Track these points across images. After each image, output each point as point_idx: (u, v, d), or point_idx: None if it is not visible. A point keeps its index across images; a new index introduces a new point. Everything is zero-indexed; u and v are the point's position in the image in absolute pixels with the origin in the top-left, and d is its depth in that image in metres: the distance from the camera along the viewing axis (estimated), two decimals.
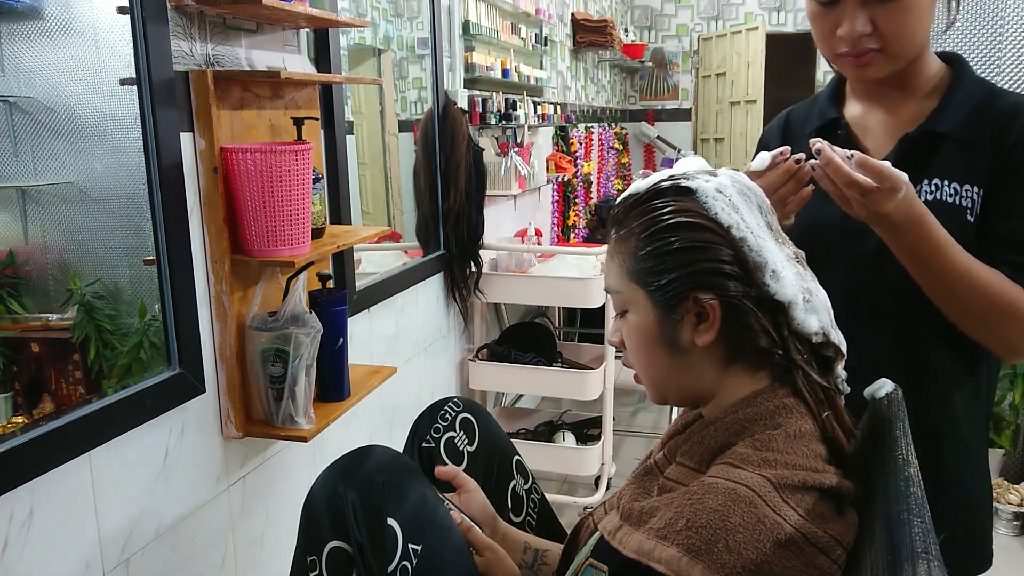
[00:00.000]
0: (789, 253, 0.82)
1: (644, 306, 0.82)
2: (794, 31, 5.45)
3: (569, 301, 2.73)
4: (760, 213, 0.82)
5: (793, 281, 0.79)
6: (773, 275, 0.78)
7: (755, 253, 0.79)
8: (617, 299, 0.86)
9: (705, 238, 0.79)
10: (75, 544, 1.12)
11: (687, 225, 0.79)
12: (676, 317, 0.80)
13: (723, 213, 0.79)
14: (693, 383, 0.84)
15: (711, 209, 0.79)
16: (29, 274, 1.21)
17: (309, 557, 0.93)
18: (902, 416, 0.86)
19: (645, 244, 0.81)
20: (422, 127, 2.39)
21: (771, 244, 0.80)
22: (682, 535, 0.70)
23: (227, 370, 1.38)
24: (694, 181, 0.81)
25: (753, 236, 0.79)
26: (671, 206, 0.80)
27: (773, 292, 0.78)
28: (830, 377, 0.82)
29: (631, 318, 0.84)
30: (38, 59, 1.16)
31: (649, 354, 0.84)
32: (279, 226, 1.30)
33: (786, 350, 0.79)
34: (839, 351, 0.82)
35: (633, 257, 0.82)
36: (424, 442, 1.16)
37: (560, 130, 3.86)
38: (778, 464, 0.74)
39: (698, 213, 0.79)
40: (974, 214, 0.98)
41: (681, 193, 0.81)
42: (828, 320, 0.81)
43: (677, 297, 0.79)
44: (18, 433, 1.03)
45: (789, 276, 0.79)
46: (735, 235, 0.79)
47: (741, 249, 0.78)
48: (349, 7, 2.01)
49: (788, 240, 0.85)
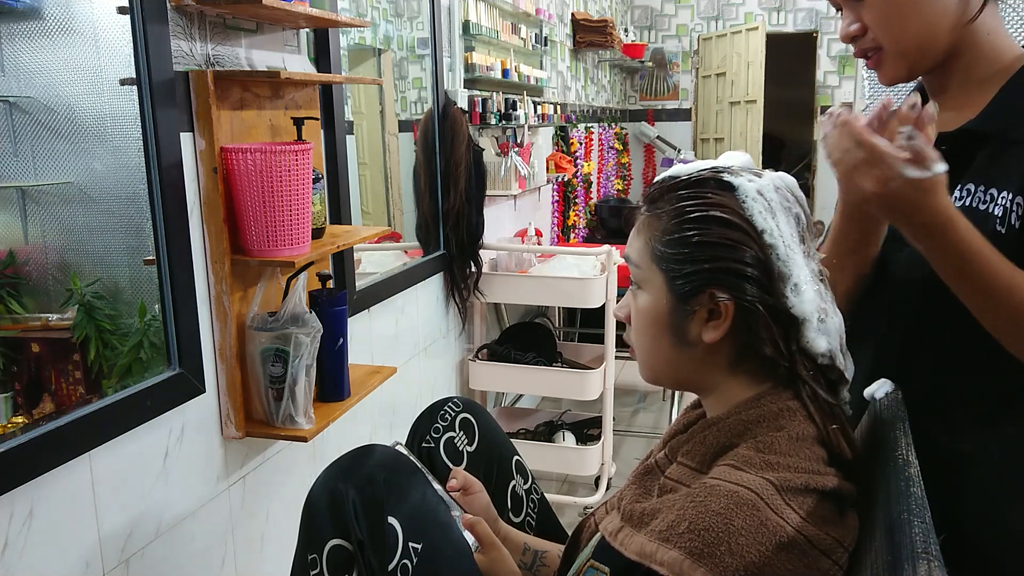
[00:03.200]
0: (815, 269, 0.81)
1: (660, 289, 0.82)
2: (794, 31, 5.44)
3: (569, 301, 2.73)
4: (796, 223, 0.81)
5: (813, 299, 0.78)
6: (795, 288, 0.78)
7: (782, 263, 0.78)
8: (635, 272, 0.85)
9: (736, 237, 0.78)
10: (75, 544, 1.12)
11: (721, 221, 0.78)
12: (689, 309, 0.80)
13: (759, 216, 0.78)
14: (690, 375, 0.84)
15: (748, 210, 0.79)
16: (29, 274, 1.21)
17: (310, 555, 0.93)
18: (902, 416, 0.86)
19: (675, 229, 0.80)
20: (422, 127, 2.39)
21: (799, 257, 0.79)
22: (684, 538, 0.70)
23: (227, 370, 1.38)
24: (737, 178, 0.80)
25: (784, 245, 0.78)
26: (709, 198, 0.80)
27: (791, 305, 0.78)
28: (836, 397, 0.82)
29: (643, 297, 0.84)
30: (38, 59, 1.16)
31: (653, 338, 0.84)
32: (279, 226, 1.30)
33: (792, 363, 0.79)
34: (843, 376, 0.82)
35: (660, 238, 0.81)
36: (424, 442, 1.16)
37: (560, 130, 3.86)
38: (780, 467, 0.74)
39: (734, 211, 0.79)
40: (1007, 224, 0.85)
41: (722, 187, 0.80)
42: (837, 345, 0.80)
43: (694, 289, 0.79)
44: (18, 433, 1.03)
45: (810, 293, 0.78)
46: (766, 240, 0.78)
47: (769, 256, 0.78)
48: (349, 7, 2.01)
49: (817, 255, 0.83)
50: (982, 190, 0.89)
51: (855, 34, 0.94)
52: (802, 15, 5.40)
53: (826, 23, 5.35)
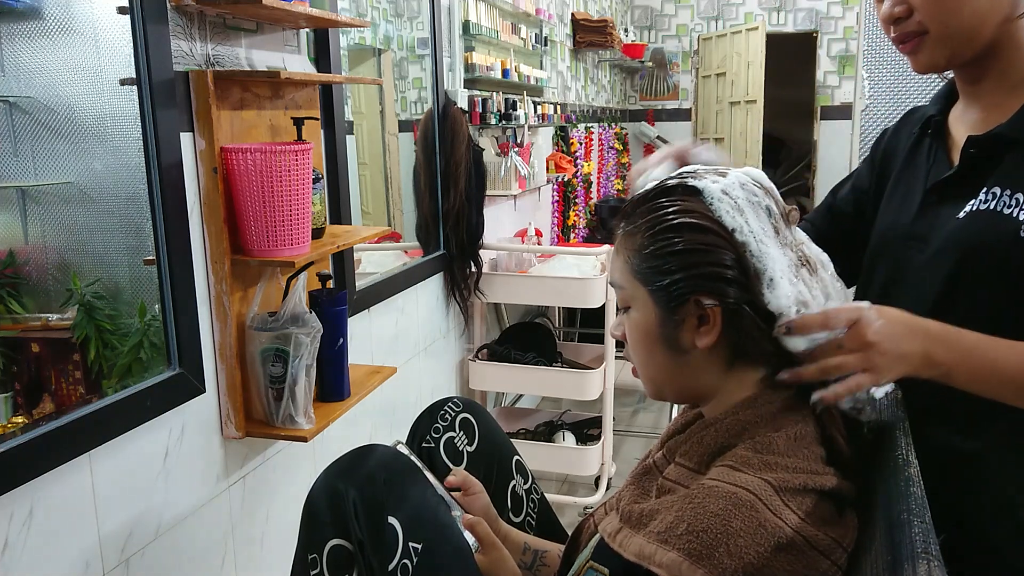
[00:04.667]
0: (792, 259, 0.81)
1: (646, 304, 0.82)
2: (794, 31, 5.44)
3: (569, 301, 2.73)
4: (768, 216, 0.81)
5: (788, 292, 0.78)
6: (770, 284, 0.78)
7: (756, 259, 0.78)
8: (621, 295, 0.85)
9: (708, 240, 0.78)
10: (75, 544, 1.12)
11: (691, 226, 0.79)
12: (677, 318, 0.80)
13: (727, 216, 0.78)
14: (692, 382, 0.84)
15: (716, 211, 0.79)
16: (29, 274, 1.21)
17: (310, 555, 0.93)
18: (902, 416, 0.86)
19: (649, 243, 0.80)
20: (422, 127, 2.39)
21: (773, 251, 0.79)
22: (683, 539, 0.70)
23: (227, 370, 1.38)
24: (701, 181, 0.81)
25: (755, 241, 0.78)
26: (676, 205, 0.80)
27: (767, 301, 0.78)
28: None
29: (633, 314, 0.84)
30: (38, 59, 1.16)
31: (649, 352, 0.84)
32: (279, 226, 1.30)
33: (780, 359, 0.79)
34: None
35: (638, 255, 0.82)
36: (424, 442, 1.16)
37: (560, 130, 3.86)
38: (779, 467, 0.74)
39: (702, 214, 0.79)
40: None
41: (688, 192, 0.81)
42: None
43: (679, 299, 0.79)
44: (18, 433, 1.03)
45: (784, 286, 0.78)
46: (738, 239, 0.78)
47: (743, 254, 0.78)
48: (349, 7, 2.01)
49: (797, 243, 0.83)
50: (1008, 194, 0.88)
51: (899, 15, 0.91)
52: (802, 15, 5.40)
53: (826, 23, 5.35)
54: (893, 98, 3.26)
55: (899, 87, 3.29)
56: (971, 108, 0.98)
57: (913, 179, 1.01)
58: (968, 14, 0.89)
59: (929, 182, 0.97)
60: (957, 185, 0.93)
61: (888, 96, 3.22)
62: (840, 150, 5.11)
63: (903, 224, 0.99)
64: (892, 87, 3.30)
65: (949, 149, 0.99)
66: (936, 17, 0.89)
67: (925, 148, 1.02)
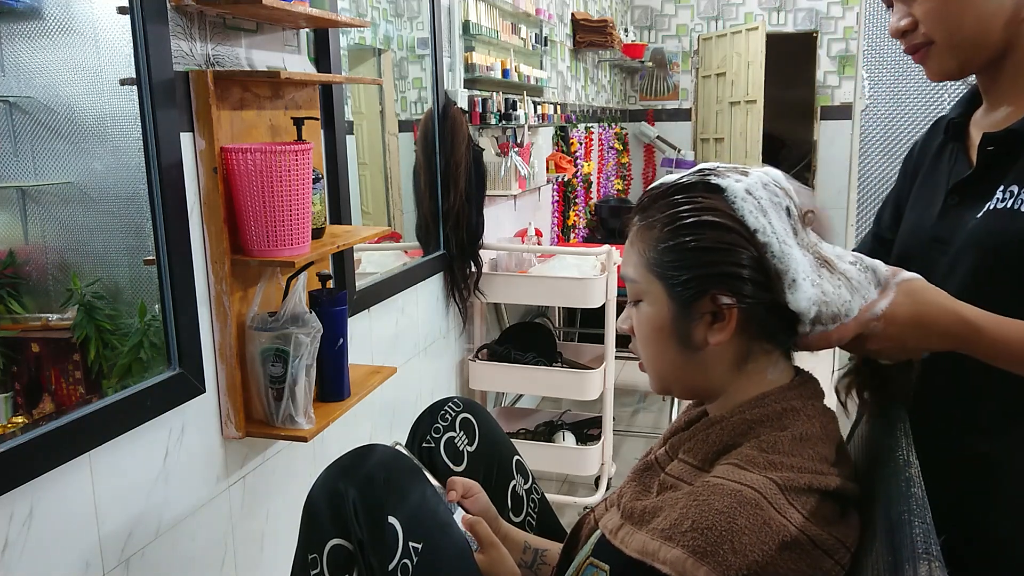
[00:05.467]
0: (812, 259, 0.80)
1: (660, 299, 0.81)
2: (794, 31, 5.44)
3: (569, 301, 2.73)
4: (788, 216, 0.80)
5: (809, 294, 0.78)
6: (792, 284, 0.77)
7: (777, 260, 0.78)
8: (633, 288, 0.85)
9: (730, 239, 0.78)
10: (75, 544, 1.12)
11: (713, 225, 0.78)
12: (692, 314, 0.79)
13: (750, 216, 0.78)
14: (700, 379, 0.83)
15: (739, 211, 0.78)
16: (29, 274, 1.21)
17: (310, 555, 0.93)
18: (903, 416, 0.86)
19: (668, 237, 0.80)
20: (422, 127, 2.39)
21: (795, 251, 0.79)
22: (687, 536, 0.70)
23: (227, 370, 1.38)
24: (724, 179, 0.80)
25: (778, 242, 0.78)
26: (698, 203, 0.79)
27: (787, 302, 0.78)
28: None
29: (645, 308, 0.84)
30: (38, 59, 1.16)
31: (659, 347, 0.84)
32: (279, 226, 1.30)
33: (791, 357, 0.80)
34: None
35: (655, 248, 0.81)
36: (424, 442, 1.16)
37: (560, 130, 3.86)
38: (784, 467, 0.74)
39: (725, 213, 0.78)
40: None
41: (710, 191, 0.80)
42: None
43: (696, 295, 0.78)
44: (18, 433, 1.03)
45: (807, 288, 0.78)
46: (760, 240, 0.77)
47: (764, 255, 0.78)
48: (349, 7, 2.00)
49: (812, 244, 0.82)
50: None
51: (906, 28, 0.92)
52: (802, 15, 5.40)
53: (826, 23, 5.36)
54: (893, 98, 3.25)
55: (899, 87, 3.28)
56: (992, 110, 0.98)
57: (935, 182, 1.02)
58: (971, 21, 0.89)
59: (950, 183, 0.97)
60: (976, 185, 0.93)
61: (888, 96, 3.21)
62: (840, 150, 5.11)
63: (926, 227, 0.99)
64: (892, 87, 3.29)
65: (968, 149, 0.99)
66: (940, 28, 0.90)
67: (947, 152, 1.02)
